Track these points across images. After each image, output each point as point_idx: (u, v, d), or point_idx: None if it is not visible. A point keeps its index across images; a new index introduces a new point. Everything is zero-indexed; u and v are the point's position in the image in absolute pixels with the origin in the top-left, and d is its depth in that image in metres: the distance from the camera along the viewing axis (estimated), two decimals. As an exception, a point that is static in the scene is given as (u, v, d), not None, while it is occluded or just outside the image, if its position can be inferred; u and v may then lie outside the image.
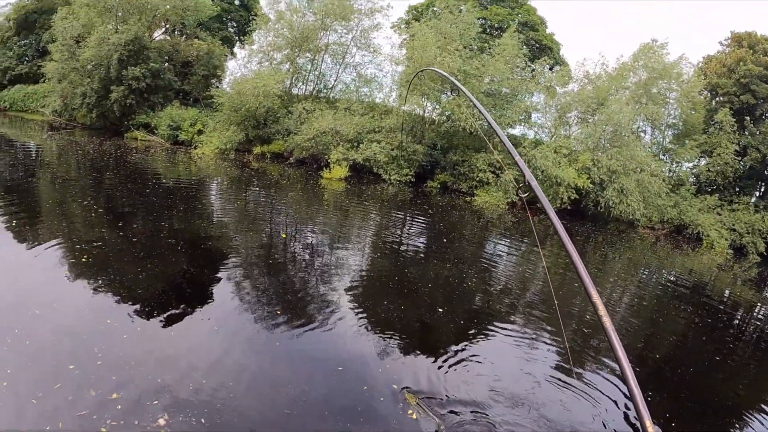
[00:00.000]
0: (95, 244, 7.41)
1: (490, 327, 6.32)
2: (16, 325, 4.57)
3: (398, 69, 20.18)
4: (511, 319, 6.82)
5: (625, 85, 23.15)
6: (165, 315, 5.24)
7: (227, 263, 7.45)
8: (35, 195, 11.42)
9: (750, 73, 22.24)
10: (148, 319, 5.09)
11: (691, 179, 23.85)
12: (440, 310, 6.69)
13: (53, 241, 7.31)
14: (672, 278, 12.85)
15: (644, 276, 12.77)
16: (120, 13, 24.43)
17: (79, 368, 4.02)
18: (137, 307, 5.33)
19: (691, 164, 24.64)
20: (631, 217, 19.43)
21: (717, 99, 24.20)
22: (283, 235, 9.45)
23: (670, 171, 23.98)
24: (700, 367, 6.52)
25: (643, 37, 66.88)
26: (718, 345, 7.66)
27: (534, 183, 2.64)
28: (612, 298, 9.35)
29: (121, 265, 6.67)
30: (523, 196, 2.65)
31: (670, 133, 24.68)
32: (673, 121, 24.47)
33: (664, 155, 24.32)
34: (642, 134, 23.58)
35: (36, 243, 7.24)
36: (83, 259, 6.72)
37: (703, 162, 23.97)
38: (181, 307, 5.52)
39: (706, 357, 7.00)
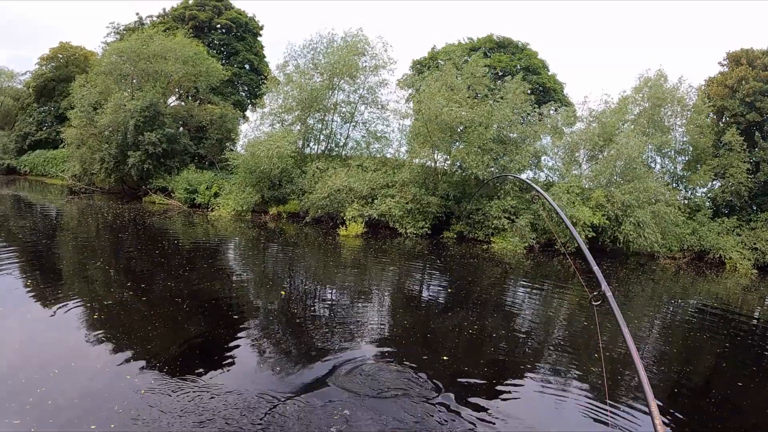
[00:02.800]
0: (113, 305, 7.61)
1: (516, 375, 6.28)
2: (37, 385, 4.71)
3: (406, 122, 20.65)
4: (538, 365, 6.77)
5: (629, 117, 23.37)
6: (182, 372, 5.33)
7: (245, 322, 7.57)
8: (55, 256, 11.79)
9: (753, 90, 22.32)
10: (165, 376, 5.18)
11: (707, 203, 23.66)
12: (465, 360, 6.66)
13: (72, 301, 7.54)
14: (698, 305, 12.73)
15: (670, 306, 12.64)
16: (135, 81, 25.44)
17: (100, 427, 4.11)
18: (154, 364, 5.46)
19: (705, 188, 24.50)
20: (650, 249, 19.27)
21: (723, 120, 24.25)
22: (282, 293, 9.46)
23: (684, 198, 23.84)
24: (736, 393, 6.42)
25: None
26: (753, 367, 7.58)
27: (609, 294, 2.66)
28: (641, 331, 9.32)
29: (138, 324, 6.83)
30: (595, 304, 2.75)
31: (680, 160, 24.65)
32: (682, 147, 24.48)
33: (677, 183, 24.23)
34: (652, 165, 23.57)
35: (55, 303, 7.47)
36: (101, 319, 6.91)
37: (717, 185, 23.86)
38: (199, 365, 5.62)
39: (742, 381, 6.88)
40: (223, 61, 29.93)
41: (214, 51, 30.02)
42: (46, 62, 36.30)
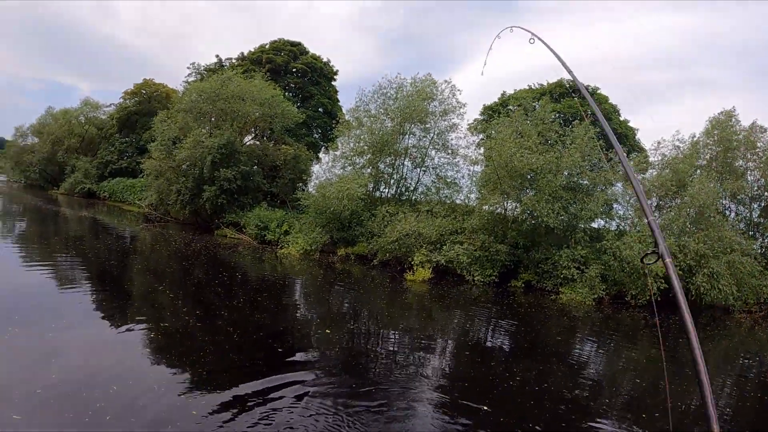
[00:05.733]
0: (172, 328, 8.09)
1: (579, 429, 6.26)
2: (97, 400, 5.12)
3: (476, 169, 20.95)
4: (602, 421, 6.72)
5: (700, 163, 22.71)
6: (234, 398, 5.66)
7: (301, 354, 7.89)
8: (124, 278, 12.64)
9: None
10: (216, 398, 5.55)
11: (786, 252, 22.40)
12: (527, 410, 6.73)
13: (134, 322, 8.11)
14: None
15: (745, 363, 12.23)
16: (213, 119, 27.21)
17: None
18: (206, 387, 5.87)
19: (783, 237, 23.26)
20: (724, 302, 18.47)
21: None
22: (327, 332, 9.59)
23: (762, 247, 22.70)
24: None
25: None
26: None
27: (669, 259, 2.28)
28: (714, 387, 9.11)
29: (193, 350, 7.20)
30: (648, 263, 2.44)
31: (756, 206, 23.56)
32: (757, 192, 23.44)
33: (753, 231, 23.13)
34: (727, 212, 22.66)
35: (119, 321, 8.07)
36: (159, 340, 7.37)
37: (795, 232, 22.60)
38: (248, 390, 5.94)
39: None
40: (298, 104, 31.46)
41: (290, 94, 31.67)
42: (129, 96, 39.61)
